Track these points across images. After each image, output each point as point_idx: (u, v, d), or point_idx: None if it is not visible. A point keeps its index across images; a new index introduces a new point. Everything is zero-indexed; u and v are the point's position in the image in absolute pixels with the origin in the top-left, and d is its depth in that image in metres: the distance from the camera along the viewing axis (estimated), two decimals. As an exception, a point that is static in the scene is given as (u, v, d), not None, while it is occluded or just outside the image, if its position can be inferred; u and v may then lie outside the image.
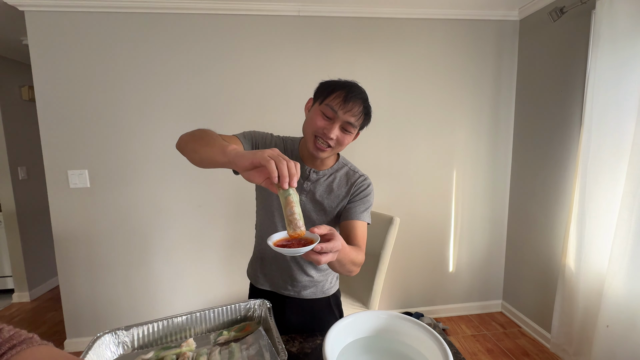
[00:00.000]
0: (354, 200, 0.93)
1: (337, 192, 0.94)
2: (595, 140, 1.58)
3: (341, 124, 0.84)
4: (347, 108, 0.82)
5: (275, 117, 2.04)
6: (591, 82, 1.59)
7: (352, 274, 0.86)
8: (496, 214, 2.35)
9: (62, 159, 1.91)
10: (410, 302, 2.37)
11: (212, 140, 0.73)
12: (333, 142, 0.85)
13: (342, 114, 0.83)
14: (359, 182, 0.94)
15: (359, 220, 0.91)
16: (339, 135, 0.85)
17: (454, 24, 2.12)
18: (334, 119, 0.83)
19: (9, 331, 0.41)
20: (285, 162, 0.60)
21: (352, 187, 0.94)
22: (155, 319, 0.83)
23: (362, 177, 0.96)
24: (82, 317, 2.05)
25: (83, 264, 2.01)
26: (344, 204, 0.94)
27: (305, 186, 0.94)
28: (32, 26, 1.81)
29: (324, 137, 0.84)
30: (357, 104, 0.84)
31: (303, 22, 1.99)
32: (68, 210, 1.95)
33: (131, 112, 1.94)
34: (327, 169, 0.96)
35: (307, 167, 0.95)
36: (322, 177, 0.95)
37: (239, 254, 2.11)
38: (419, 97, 2.16)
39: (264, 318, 0.84)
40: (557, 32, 1.88)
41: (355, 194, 0.93)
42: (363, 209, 0.92)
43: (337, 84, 0.86)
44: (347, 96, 0.82)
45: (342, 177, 0.95)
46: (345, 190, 0.94)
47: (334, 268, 0.83)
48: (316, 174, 0.94)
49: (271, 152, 0.61)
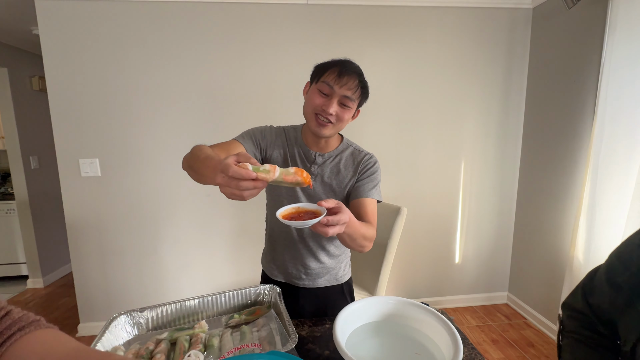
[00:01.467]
0: (362, 179, 0.94)
1: (345, 173, 0.95)
2: (608, 132, 1.55)
3: (339, 98, 0.86)
4: (342, 82, 0.84)
5: (282, 106, 2.03)
6: (606, 73, 1.55)
7: (364, 249, 0.87)
8: (504, 205, 2.34)
9: (74, 148, 1.94)
10: (416, 293, 2.38)
11: (202, 165, 0.69)
12: (333, 117, 0.86)
13: (338, 88, 0.84)
14: (365, 160, 0.95)
15: (367, 197, 0.92)
16: (338, 111, 0.86)
17: (464, 12, 2.08)
18: (331, 94, 0.85)
19: (18, 313, 0.42)
20: (232, 180, 0.56)
21: (358, 165, 0.95)
22: (169, 302, 0.85)
23: (368, 155, 0.97)
24: (94, 302, 2.11)
25: (95, 250, 2.06)
26: (353, 183, 0.95)
27: (313, 170, 0.95)
28: (43, 16, 1.83)
29: (324, 114, 0.86)
30: (352, 77, 0.85)
31: (311, 10, 1.97)
32: (80, 198, 1.99)
33: (141, 102, 1.95)
34: (332, 150, 0.97)
35: (312, 151, 0.96)
36: (328, 159, 0.96)
37: (246, 243, 2.14)
38: (427, 87, 2.14)
39: (274, 303, 0.86)
40: (572, 20, 1.83)
41: (362, 172, 0.95)
42: (371, 186, 0.94)
43: (330, 62, 0.88)
44: (341, 71, 0.84)
45: (348, 157, 0.97)
46: (353, 170, 0.95)
47: (345, 243, 0.84)
48: (322, 157, 0.96)
49: (220, 180, 0.58)
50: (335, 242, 1.02)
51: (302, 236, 0.99)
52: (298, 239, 0.99)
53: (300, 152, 0.97)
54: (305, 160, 0.96)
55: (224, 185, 0.58)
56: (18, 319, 0.41)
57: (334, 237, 1.01)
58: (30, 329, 0.40)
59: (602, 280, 0.64)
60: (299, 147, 0.97)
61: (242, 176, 0.55)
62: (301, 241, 0.99)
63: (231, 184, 0.57)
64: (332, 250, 1.02)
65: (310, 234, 0.99)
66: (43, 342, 0.40)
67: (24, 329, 0.40)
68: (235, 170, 0.55)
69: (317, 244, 1.00)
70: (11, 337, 0.39)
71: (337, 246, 1.03)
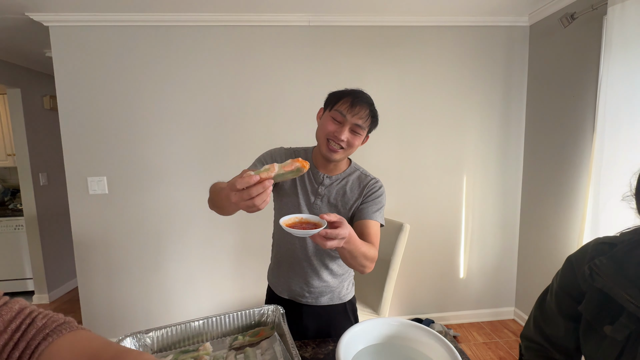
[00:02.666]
0: (367, 201, 0.97)
1: (350, 195, 0.98)
2: (609, 146, 1.56)
3: (350, 126, 0.90)
4: (355, 112, 0.89)
5: (287, 124, 2.08)
6: (603, 89, 1.57)
7: (365, 269, 0.89)
8: (507, 219, 2.33)
9: (82, 166, 1.99)
10: (420, 309, 2.36)
11: (218, 192, 0.83)
12: (344, 143, 0.91)
13: (350, 117, 0.89)
14: (371, 185, 0.99)
15: (371, 219, 0.95)
16: (349, 137, 0.91)
17: (462, 31, 2.13)
18: (343, 122, 0.90)
19: (42, 318, 0.41)
20: (243, 192, 0.63)
21: (364, 189, 0.98)
22: (173, 323, 0.86)
23: (374, 180, 1.00)
24: (99, 318, 2.12)
25: (101, 267, 2.08)
26: (357, 205, 0.98)
27: (320, 191, 0.98)
28: (56, 40, 1.91)
29: (336, 140, 0.90)
30: (364, 107, 0.90)
31: (314, 31, 2.04)
32: (87, 215, 2.03)
33: (148, 122, 2.01)
34: (339, 173, 1.00)
35: (320, 173, 1.00)
36: (335, 181, 0.99)
37: (249, 259, 2.15)
38: (428, 104, 2.17)
39: (277, 324, 0.86)
40: (568, 38, 1.87)
41: (367, 195, 0.98)
42: (375, 209, 0.96)
43: (344, 92, 0.93)
44: (353, 101, 0.90)
45: (355, 181, 1.00)
46: (358, 193, 0.98)
47: (347, 260, 0.86)
48: (329, 179, 0.99)
49: (234, 198, 0.65)
50: (338, 261, 1.03)
51: (306, 254, 1.01)
52: (302, 257, 1.01)
53: (310, 173, 1.01)
54: (314, 181, 1.00)
55: (238, 201, 0.64)
56: (42, 327, 0.40)
57: (337, 256, 1.02)
58: (55, 336, 0.39)
59: (554, 312, 0.65)
60: (309, 168, 1.01)
61: (248, 183, 0.62)
62: (305, 259, 1.01)
63: (244, 196, 0.63)
64: (335, 269, 1.03)
65: (314, 252, 1.00)
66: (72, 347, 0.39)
67: (49, 337, 0.39)
68: (241, 181, 0.62)
69: (321, 263, 1.01)
70: (37, 347, 0.38)
71: (340, 265, 1.04)
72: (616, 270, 0.55)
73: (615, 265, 0.56)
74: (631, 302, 0.52)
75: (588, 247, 0.63)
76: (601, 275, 0.56)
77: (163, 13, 1.90)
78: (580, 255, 0.63)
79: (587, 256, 0.61)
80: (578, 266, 0.62)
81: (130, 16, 1.89)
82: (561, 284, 0.65)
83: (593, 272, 0.57)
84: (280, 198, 1.03)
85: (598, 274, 0.56)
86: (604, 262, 0.57)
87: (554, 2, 1.90)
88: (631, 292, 0.52)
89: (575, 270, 0.62)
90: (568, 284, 0.64)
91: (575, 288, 0.62)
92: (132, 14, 1.89)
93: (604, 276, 0.55)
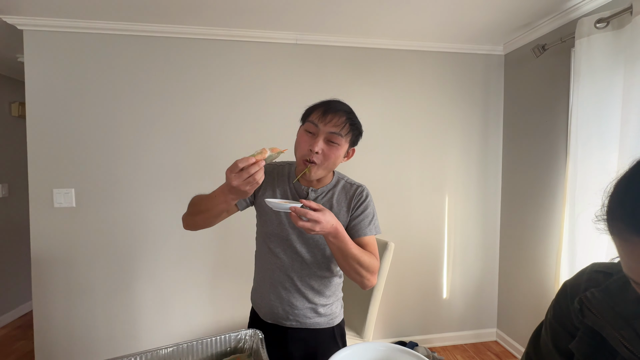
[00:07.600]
0: (357, 216, 0.93)
1: (337, 208, 0.94)
2: (582, 169, 1.62)
3: (325, 136, 0.86)
4: (327, 120, 0.86)
5: (270, 142, 2.04)
6: (574, 115, 1.66)
7: (364, 280, 0.86)
8: (488, 239, 2.36)
9: (49, 177, 1.85)
10: (404, 331, 2.29)
11: (204, 198, 0.89)
12: (319, 156, 0.86)
13: (322, 126, 0.86)
14: (357, 194, 0.95)
15: (366, 235, 0.92)
16: (325, 148, 0.87)
17: (443, 56, 2.22)
18: (316, 133, 0.87)
19: None
20: (243, 172, 0.73)
21: (351, 200, 0.94)
22: (139, 352, 0.77)
23: (360, 188, 0.97)
24: (55, 346, 1.90)
25: (61, 287, 1.89)
26: (346, 220, 0.94)
27: None
28: (30, 45, 1.82)
29: (309, 155, 0.86)
30: (337, 114, 0.87)
31: (300, 49, 2.06)
32: (50, 230, 1.87)
33: (123, 134, 1.92)
34: (324, 186, 0.97)
35: (303, 187, 0.96)
36: (321, 194, 0.96)
37: (227, 280, 2.03)
38: (411, 124, 2.22)
39: (256, 350, 0.79)
40: (540, 66, 1.99)
41: (355, 208, 0.94)
42: (367, 222, 0.93)
43: (317, 104, 0.91)
44: (326, 110, 0.87)
45: (340, 192, 0.96)
46: (346, 206, 0.94)
47: (341, 263, 0.86)
48: (314, 192, 0.95)
49: (235, 181, 0.73)
50: (324, 281, 0.98)
51: (288, 273, 0.95)
52: (285, 275, 0.95)
53: (292, 187, 0.97)
54: (297, 196, 0.96)
55: (238, 180, 0.72)
56: None
57: (323, 275, 0.97)
58: None
59: (549, 349, 0.58)
60: (292, 182, 0.97)
61: (248, 162, 0.72)
62: (288, 278, 0.95)
63: (243, 175, 0.72)
64: (322, 290, 0.98)
65: (298, 271, 0.95)
66: None
67: None
68: (242, 160, 0.72)
69: (305, 283, 0.96)
70: None
71: (327, 286, 0.99)
72: (609, 307, 0.47)
73: (608, 300, 0.48)
74: (624, 346, 0.44)
75: (584, 274, 0.56)
76: (593, 311, 0.48)
77: (145, 23, 1.86)
78: (575, 283, 0.56)
79: (581, 286, 0.54)
80: (572, 295, 0.55)
81: (111, 25, 1.84)
82: (556, 314, 0.58)
83: (584, 307, 0.50)
84: (263, 219, 0.98)
85: (589, 310, 0.49)
86: (596, 296, 0.49)
87: (526, 34, 2.04)
88: (625, 334, 0.45)
89: (568, 299, 0.55)
90: (563, 315, 0.56)
91: (570, 320, 0.55)
92: (112, 23, 1.84)
93: (597, 313, 0.48)
